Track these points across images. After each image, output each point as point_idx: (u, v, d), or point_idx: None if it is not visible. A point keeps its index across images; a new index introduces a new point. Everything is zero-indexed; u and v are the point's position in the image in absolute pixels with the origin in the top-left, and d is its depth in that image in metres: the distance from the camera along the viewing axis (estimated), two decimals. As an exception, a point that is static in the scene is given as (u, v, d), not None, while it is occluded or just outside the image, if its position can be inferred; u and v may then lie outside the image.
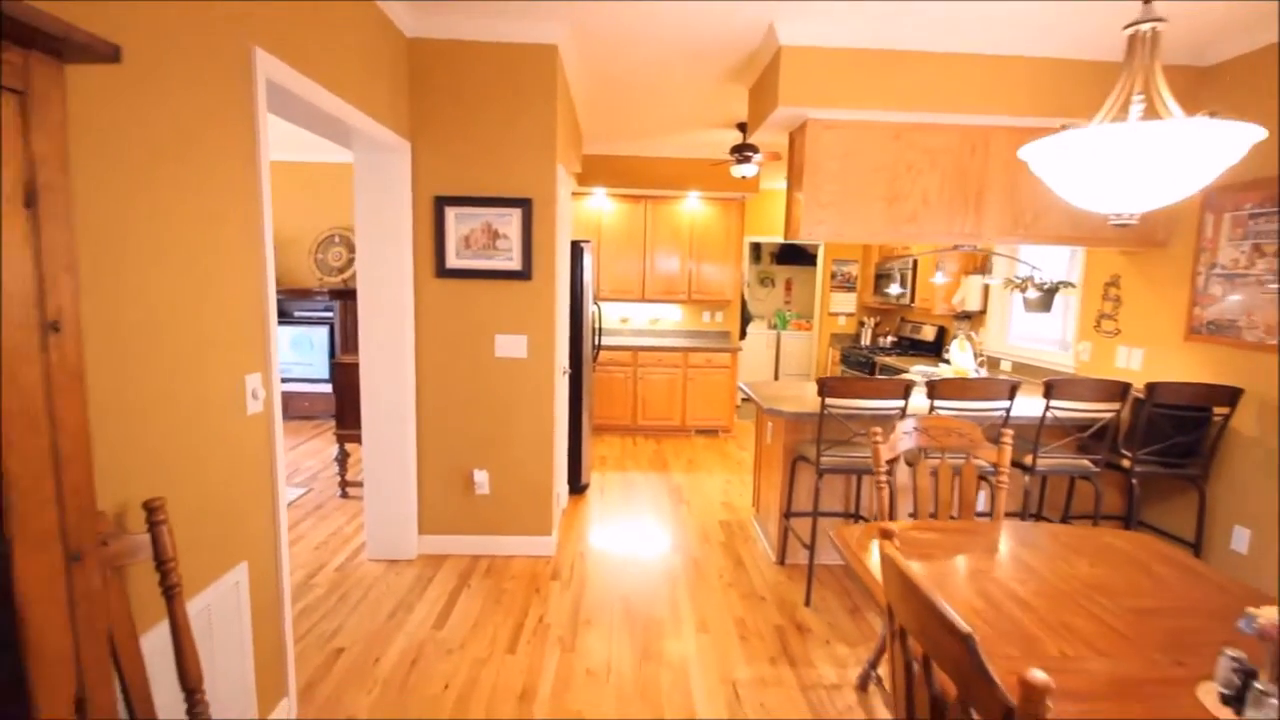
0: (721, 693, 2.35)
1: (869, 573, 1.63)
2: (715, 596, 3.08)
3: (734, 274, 6.58)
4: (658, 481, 4.87)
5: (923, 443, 2.26)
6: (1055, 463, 3.08)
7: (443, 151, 3.20)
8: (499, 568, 3.32)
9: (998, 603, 1.57)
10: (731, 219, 6.47)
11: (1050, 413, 3.03)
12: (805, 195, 3.26)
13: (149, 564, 1.34)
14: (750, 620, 2.87)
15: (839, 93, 3.10)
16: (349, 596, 2.98)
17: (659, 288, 6.52)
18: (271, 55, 1.90)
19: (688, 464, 5.37)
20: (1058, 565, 1.78)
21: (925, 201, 3.31)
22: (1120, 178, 1.28)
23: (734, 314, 6.91)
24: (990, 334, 5.05)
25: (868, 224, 3.32)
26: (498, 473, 3.43)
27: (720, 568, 3.40)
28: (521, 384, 3.37)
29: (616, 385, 6.20)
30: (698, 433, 6.38)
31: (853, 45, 3.06)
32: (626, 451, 5.72)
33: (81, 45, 0.73)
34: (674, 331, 6.90)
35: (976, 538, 1.97)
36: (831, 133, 3.23)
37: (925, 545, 1.91)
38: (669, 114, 4.60)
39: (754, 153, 4.64)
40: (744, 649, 2.64)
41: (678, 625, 2.81)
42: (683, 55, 3.39)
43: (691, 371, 6.24)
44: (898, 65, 3.10)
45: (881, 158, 3.26)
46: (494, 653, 2.57)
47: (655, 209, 6.38)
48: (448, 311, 3.31)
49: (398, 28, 2.96)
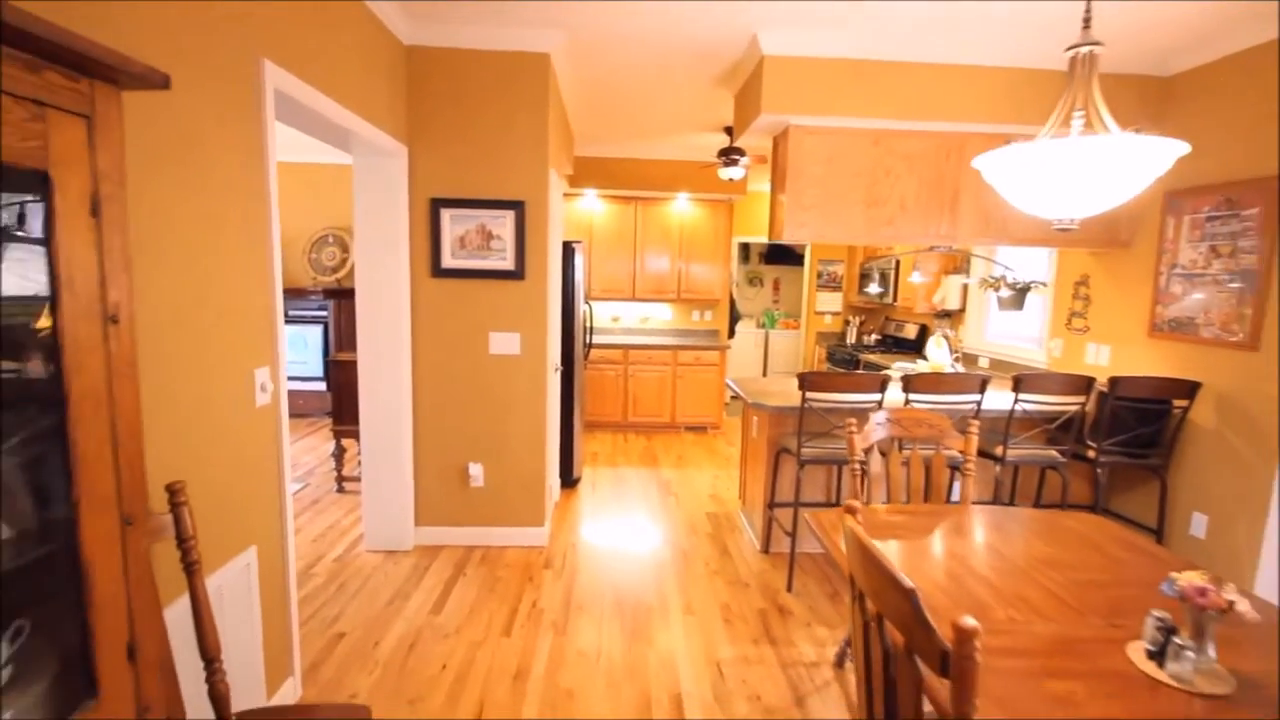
0: (707, 671, 2.48)
1: (838, 549, 1.76)
2: (701, 583, 3.21)
3: (722, 274, 6.72)
4: (647, 476, 4.99)
5: (895, 433, 2.39)
6: (1024, 453, 3.23)
7: (439, 155, 3.31)
8: (493, 557, 3.43)
9: (957, 576, 1.70)
10: (720, 220, 6.61)
11: (1019, 406, 3.18)
12: (788, 198, 3.40)
13: (170, 544, 1.45)
14: (735, 605, 3.00)
15: (820, 101, 3.24)
16: (348, 585, 3.09)
17: (649, 287, 6.64)
18: (279, 67, 2.01)
19: (677, 459, 5.50)
20: (1016, 545, 1.92)
21: (903, 205, 3.45)
22: (1060, 187, 1.41)
23: (723, 313, 7.05)
24: (969, 332, 5.21)
25: (848, 226, 3.46)
26: (492, 466, 3.54)
27: (707, 556, 3.53)
28: (515, 380, 3.48)
29: (608, 383, 6.32)
30: (687, 429, 6.51)
31: (833, 55, 3.20)
32: (618, 447, 5.84)
33: (138, 75, 0.84)
34: (664, 330, 7.03)
35: (943, 520, 2.11)
36: (813, 138, 3.36)
37: (896, 527, 2.04)
38: (658, 117, 4.73)
39: (741, 156, 4.78)
40: (728, 631, 2.77)
41: (665, 610, 2.94)
42: (670, 63, 3.52)
43: (681, 369, 6.37)
44: (876, 75, 3.24)
45: (861, 163, 3.40)
46: (489, 636, 2.68)
47: (645, 210, 6.50)
48: (443, 310, 3.42)
49: (396, 36, 3.06)
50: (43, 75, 0.74)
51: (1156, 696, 1.21)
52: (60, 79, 0.76)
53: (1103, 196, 1.42)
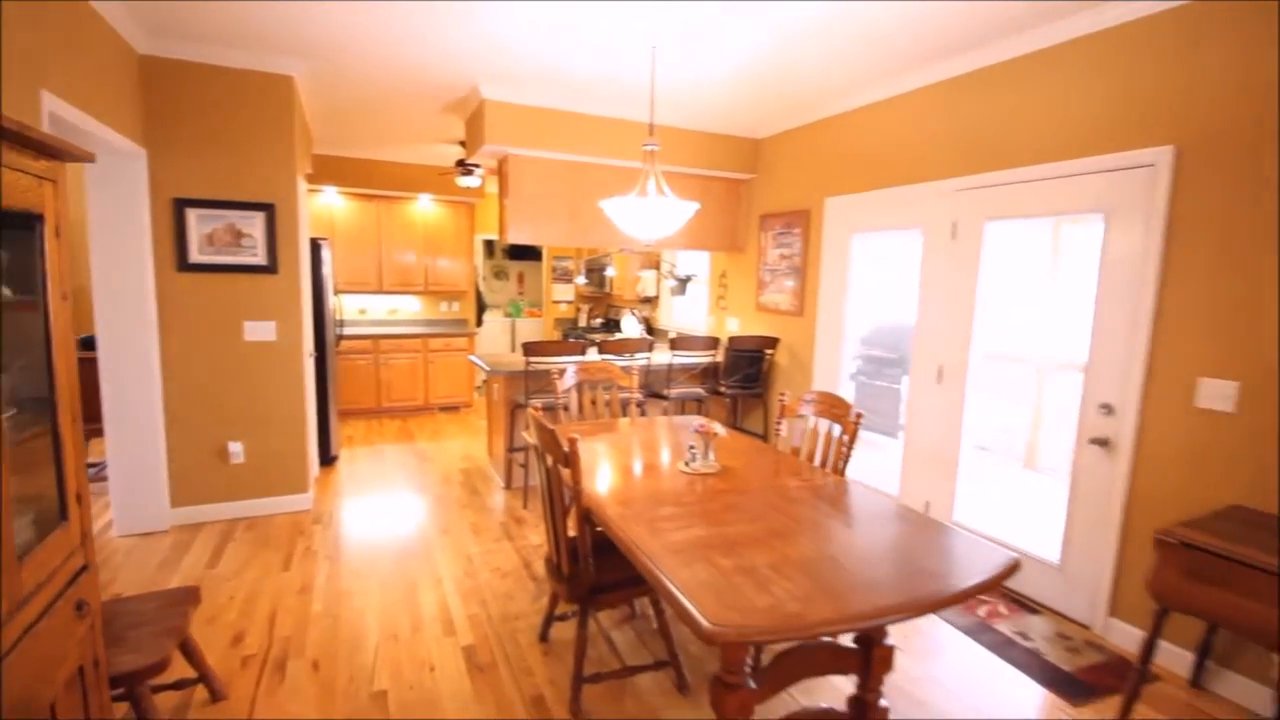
0: (460, 561, 3.35)
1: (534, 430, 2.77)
2: (455, 513, 4.04)
3: (467, 268, 7.46)
4: (405, 449, 5.59)
5: (583, 378, 3.51)
6: (682, 391, 4.69)
7: (184, 158, 3.56)
8: (261, 524, 3.82)
9: (607, 453, 2.83)
10: (462, 219, 7.33)
11: (677, 360, 4.60)
12: (511, 206, 4.36)
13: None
14: (481, 522, 3.90)
15: (532, 138, 4.24)
16: (109, 562, 3.26)
17: (396, 280, 7.09)
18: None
19: (432, 434, 6.16)
20: (651, 432, 3.14)
21: (597, 219, 4.64)
22: (638, 223, 2.59)
23: (470, 304, 7.79)
24: (663, 313, 6.79)
25: (558, 231, 4.55)
26: (253, 443, 3.89)
27: (459, 497, 4.36)
28: (273, 363, 3.89)
29: (359, 372, 6.66)
30: (441, 410, 7.16)
31: (540, 105, 4.21)
32: (373, 430, 6.28)
33: (74, 154, 1.42)
34: (413, 320, 7.53)
35: (611, 430, 3.27)
36: (528, 165, 4.37)
37: (581, 432, 3.14)
38: (397, 130, 5.32)
39: (476, 167, 5.61)
40: (476, 538, 3.66)
41: (424, 535, 3.71)
42: (405, 91, 4.20)
43: (432, 355, 6.98)
44: (574, 123, 4.35)
45: (566, 185, 4.51)
46: (270, 573, 3.19)
47: (389, 207, 6.94)
48: (193, 302, 3.67)
49: (129, 44, 3.26)
50: (36, 159, 1.33)
51: (679, 477, 2.43)
52: (42, 161, 1.35)
53: (661, 229, 2.63)
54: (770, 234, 4.97)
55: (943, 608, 1.60)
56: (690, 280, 5.41)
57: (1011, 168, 3.14)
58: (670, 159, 4.70)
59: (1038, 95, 3.01)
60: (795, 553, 1.75)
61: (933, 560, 1.77)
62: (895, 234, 3.92)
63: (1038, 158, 3.02)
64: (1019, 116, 3.10)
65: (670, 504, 2.13)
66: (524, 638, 2.67)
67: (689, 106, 4.35)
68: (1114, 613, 2.77)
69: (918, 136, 3.65)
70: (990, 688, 2.44)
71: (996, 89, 3.20)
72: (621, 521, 1.94)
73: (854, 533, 1.96)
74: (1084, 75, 2.83)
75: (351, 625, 2.73)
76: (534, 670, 2.45)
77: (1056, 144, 2.94)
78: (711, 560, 1.69)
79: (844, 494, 2.30)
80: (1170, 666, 2.55)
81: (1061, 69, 2.91)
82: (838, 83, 3.78)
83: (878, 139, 3.92)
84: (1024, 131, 3.08)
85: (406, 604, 2.92)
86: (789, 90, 3.96)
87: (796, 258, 4.68)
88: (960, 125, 3.40)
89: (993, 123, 3.23)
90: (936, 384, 3.61)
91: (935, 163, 3.55)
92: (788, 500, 2.20)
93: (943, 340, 3.57)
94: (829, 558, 1.74)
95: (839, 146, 4.24)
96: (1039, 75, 3.01)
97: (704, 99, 4.17)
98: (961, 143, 3.39)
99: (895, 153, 3.80)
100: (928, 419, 3.68)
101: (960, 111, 3.39)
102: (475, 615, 2.84)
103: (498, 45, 3.30)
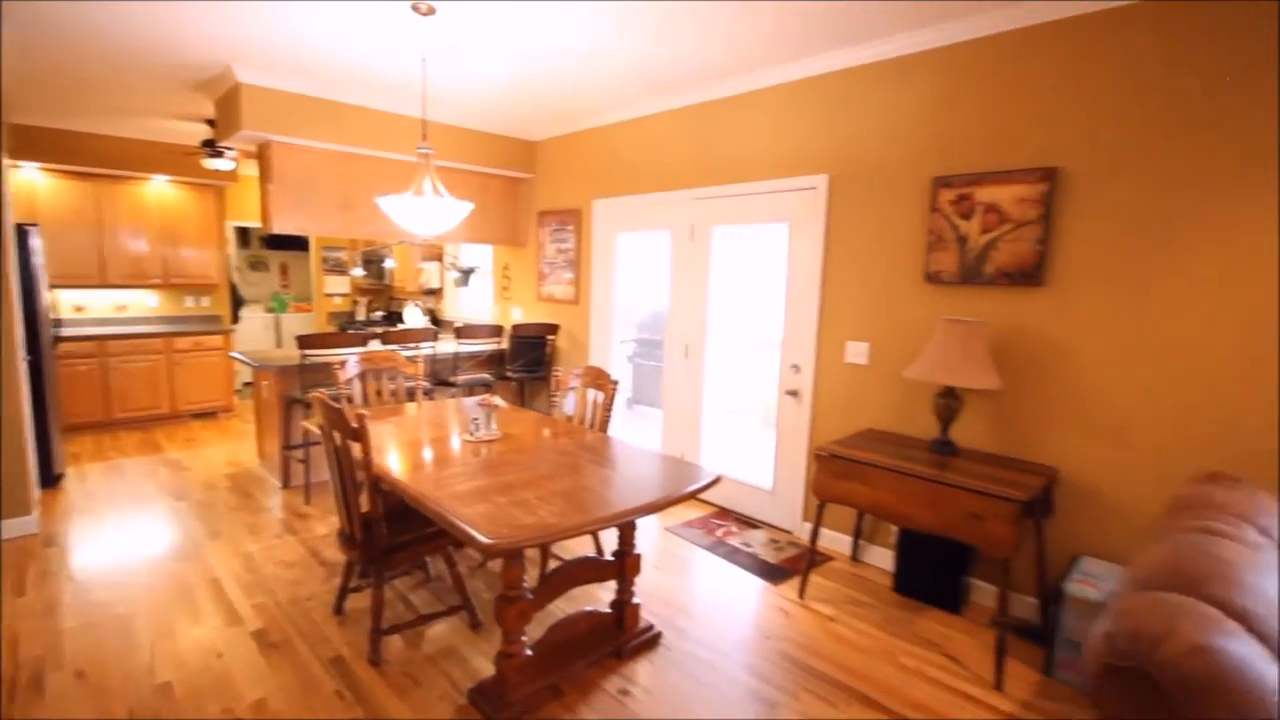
0: (237, 559, 3.26)
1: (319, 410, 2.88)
2: (225, 516, 3.85)
3: (218, 258, 6.74)
4: (152, 461, 5.01)
5: (366, 367, 3.61)
6: (469, 377, 4.93)
7: None
8: (-34, 556, 3.27)
9: (395, 433, 3.02)
10: (209, 204, 6.60)
11: (463, 348, 4.84)
12: (275, 194, 4.21)
13: None
14: (260, 523, 3.78)
15: (297, 126, 4.13)
16: None
17: (125, 272, 6.18)
18: None
19: (185, 443, 5.56)
20: (440, 414, 3.38)
21: (374, 211, 4.66)
22: (415, 220, 2.83)
23: (224, 298, 7.05)
24: (447, 304, 6.89)
25: (328, 222, 4.48)
26: (-52, 463, 3.31)
27: (227, 501, 4.12)
28: (-27, 368, 3.33)
29: (82, 379, 5.72)
30: (193, 417, 6.43)
31: (308, 93, 4.11)
32: (106, 445, 5.47)
33: None
34: (151, 318, 6.61)
35: (398, 414, 3.44)
36: (295, 152, 4.24)
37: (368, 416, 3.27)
38: (126, 102, 4.70)
39: (228, 149, 5.18)
40: (253, 538, 3.56)
41: (192, 541, 3.50)
42: (141, 62, 3.79)
43: (178, 356, 6.23)
44: (343, 114, 4.31)
45: (338, 176, 4.46)
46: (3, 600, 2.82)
47: (113, 189, 6.02)
48: None
49: None
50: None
51: (464, 446, 2.74)
52: None
53: (437, 226, 2.90)
54: (548, 230, 5.41)
55: (660, 509, 2.18)
56: (473, 272, 5.64)
57: (733, 183, 3.96)
58: (449, 155, 4.89)
59: (749, 126, 3.84)
60: (557, 487, 2.21)
61: (659, 482, 2.34)
62: (651, 233, 4.61)
63: (749, 176, 3.86)
64: (737, 142, 3.91)
65: (456, 466, 2.45)
66: (318, 614, 2.77)
67: (465, 107, 4.59)
68: (806, 518, 3.72)
69: (667, 151, 4.35)
70: (721, 583, 3.17)
71: (721, 118, 3.99)
72: (412, 482, 2.22)
73: (606, 471, 2.47)
74: (777, 115, 3.70)
75: (118, 632, 2.58)
76: (330, 638, 2.60)
77: (763, 165, 3.79)
78: (490, 499, 2.06)
79: (604, 445, 2.83)
80: (839, 550, 3.53)
81: (763, 109, 3.76)
82: (602, 99, 4.32)
83: (636, 150, 4.57)
84: (742, 154, 3.90)
85: (182, 603, 2.82)
86: (558, 101, 4.41)
87: (572, 252, 5.19)
88: (697, 145, 4.15)
89: (720, 145, 4.01)
90: (684, 359, 4.38)
91: (679, 174, 4.28)
92: (558, 454, 2.65)
93: (688, 323, 4.33)
94: (584, 488, 2.22)
95: (604, 154, 4.82)
96: (748, 112, 3.84)
97: (479, 102, 4.45)
98: (699, 159, 4.15)
99: (650, 163, 4.47)
100: (680, 388, 4.44)
101: (697, 132, 4.14)
102: (262, 604, 2.85)
103: (256, 34, 3.23)
